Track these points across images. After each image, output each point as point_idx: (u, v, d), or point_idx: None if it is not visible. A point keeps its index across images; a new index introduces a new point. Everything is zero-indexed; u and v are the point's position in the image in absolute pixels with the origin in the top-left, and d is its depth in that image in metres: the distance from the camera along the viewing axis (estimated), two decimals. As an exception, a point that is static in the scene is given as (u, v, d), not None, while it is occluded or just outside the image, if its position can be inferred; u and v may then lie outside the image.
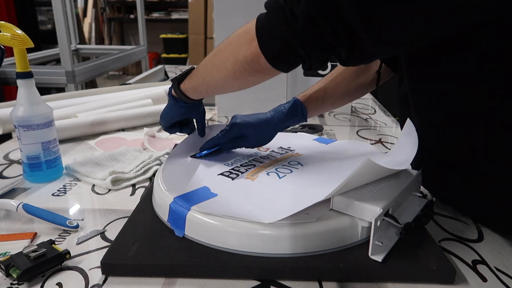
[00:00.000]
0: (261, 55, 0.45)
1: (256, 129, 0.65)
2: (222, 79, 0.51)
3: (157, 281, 0.44)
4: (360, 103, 1.33)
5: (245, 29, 0.47)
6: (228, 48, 0.49)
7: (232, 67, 0.48)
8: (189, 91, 0.59)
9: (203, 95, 0.60)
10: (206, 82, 0.55)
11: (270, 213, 0.46)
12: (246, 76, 0.49)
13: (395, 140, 0.96)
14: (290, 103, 0.68)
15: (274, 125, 0.66)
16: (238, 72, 0.48)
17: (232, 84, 0.51)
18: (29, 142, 0.65)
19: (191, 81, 0.58)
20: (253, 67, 0.47)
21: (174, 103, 0.62)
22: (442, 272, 0.44)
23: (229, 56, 0.48)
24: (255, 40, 0.44)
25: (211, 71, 0.52)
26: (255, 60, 0.45)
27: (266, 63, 0.45)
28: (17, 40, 0.62)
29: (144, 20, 2.53)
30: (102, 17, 5.09)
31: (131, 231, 0.50)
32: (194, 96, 0.60)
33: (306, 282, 0.44)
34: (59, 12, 1.57)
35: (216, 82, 0.53)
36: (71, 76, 1.67)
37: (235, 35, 0.49)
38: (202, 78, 0.55)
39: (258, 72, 0.47)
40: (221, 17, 1.01)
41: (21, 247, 0.46)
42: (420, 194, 0.56)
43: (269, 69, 0.46)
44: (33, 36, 0.67)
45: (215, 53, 0.52)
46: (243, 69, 0.47)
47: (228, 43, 0.50)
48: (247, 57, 0.46)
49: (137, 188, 0.68)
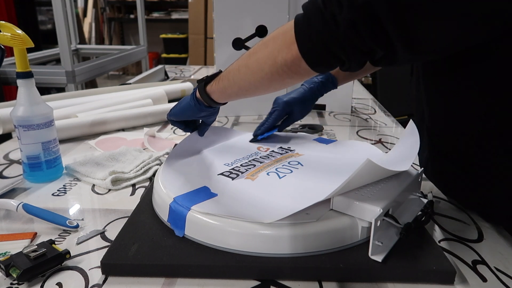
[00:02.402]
0: (301, 59, 0.45)
1: (301, 102, 0.76)
2: (258, 81, 0.51)
3: (157, 281, 0.44)
4: (360, 103, 1.33)
5: (282, 32, 0.47)
6: (264, 51, 0.49)
7: (269, 70, 0.48)
8: (216, 94, 0.58)
9: (232, 98, 0.60)
10: (238, 85, 0.54)
11: (270, 213, 0.46)
12: (284, 78, 0.49)
13: (395, 140, 0.96)
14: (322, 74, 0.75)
15: (314, 96, 0.76)
16: (276, 75, 0.48)
17: (268, 85, 0.52)
18: (29, 142, 0.65)
19: (220, 84, 0.57)
20: (293, 70, 0.47)
21: (195, 104, 0.61)
22: (442, 272, 0.44)
23: (266, 59, 0.48)
24: (295, 43, 0.44)
25: (245, 74, 0.52)
26: (295, 64, 0.46)
27: (306, 66, 0.45)
28: (17, 40, 0.62)
29: (144, 20, 2.53)
30: (102, 17, 5.09)
31: (131, 231, 0.50)
32: (221, 99, 0.59)
33: (306, 282, 0.44)
34: (59, 12, 1.57)
35: (249, 84, 0.53)
36: (71, 76, 1.67)
37: (271, 37, 0.49)
38: (233, 81, 0.55)
39: (297, 74, 0.48)
40: (221, 17, 1.01)
41: (21, 247, 0.46)
42: (420, 194, 0.56)
43: (308, 72, 0.47)
44: (33, 36, 0.67)
45: (249, 56, 0.52)
46: (281, 71, 0.48)
47: (264, 45, 0.50)
48: (287, 60, 0.46)
49: (137, 188, 0.68)
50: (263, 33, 1.00)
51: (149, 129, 0.95)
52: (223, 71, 0.58)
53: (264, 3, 0.99)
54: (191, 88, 1.35)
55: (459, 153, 0.54)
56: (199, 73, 1.96)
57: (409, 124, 0.57)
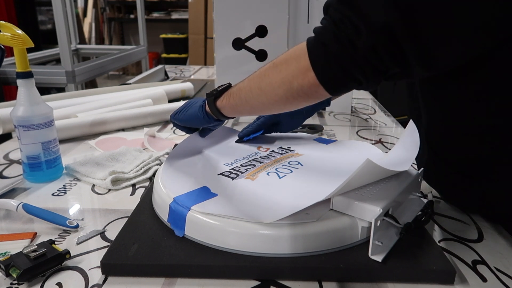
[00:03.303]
0: (319, 86, 0.45)
1: (290, 117, 0.74)
2: (271, 103, 0.51)
3: (157, 281, 0.44)
4: (360, 103, 1.33)
5: (295, 56, 0.46)
6: (277, 75, 0.48)
7: (285, 94, 0.48)
8: (226, 110, 0.58)
9: (242, 115, 0.63)
10: (250, 105, 0.54)
11: (270, 213, 0.46)
12: (300, 102, 0.49)
13: (395, 140, 0.96)
14: None
15: (304, 113, 0.74)
16: (291, 99, 0.48)
17: (283, 108, 0.52)
18: (29, 142, 0.65)
19: (231, 101, 0.57)
20: (310, 95, 0.47)
21: (203, 117, 0.61)
22: (442, 272, 0.44)
23: (281, 83, 0.48)
24: (311, 70, 0.44)
25: (258, 95, 0.52)
26: (312, 90, 0.46)
27: (324, 91, 0.45)
28: (17, 40, 0.62)
29: (144, 20, 2.53)
30: (102, 17, 5.09)
31: (131, 231, 0.50)
32: (231, 115, 0.59)
33: (306, 282, 0.44)
34: (59, 12, 1.57)
35: (263, 106, 0.53)
36: (71, 76, 1.67)
37: (283, 60, 0.48)
38: (245, 101, 0.54)
39: (313, 98, 0.48)
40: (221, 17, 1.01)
41: (21, 247, 0.46)
42: (420, 194, 0.56)
43: (325, 95, 0.47)
44: (33, 36, 0.67)
45: (261, 77, 0.51)
46: (297, 96, 0.47)
47: (276, 69, 0.49)
48: (303, 86, 0.46)
49: (137, 188, 0.68)
50: (263, 33, 1.00)
51: (149, 129, 0.95)
52: (232, 86, 0.57)
53: (264, 3, 0.99)
54: (191, 88, 1.35)
55: (458, 156, 0.54)
56: (199, 73, 1.96)
57: (409, 124, 0.57)
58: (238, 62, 1.01)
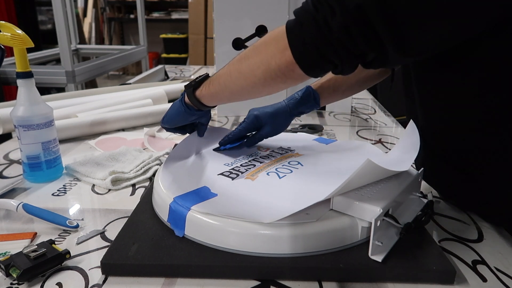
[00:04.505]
0: (295, 64, 0.45)
1: (273, 117, 0.69)
2: (250, 86, 0.51)
3: (157, 281, 0.44)
4: (360, 103, 1.33)
5: (274, 37, 0.47)
6: (257, 56, 0.49)
7: (263, 75, 0.49)
8: (206, 98, 0.58)
9: (222, 102, 0.61)
10: (229, 90, 0.55)
11: (270, 213, 0.46)
12: (278, 83, 0.50)
13: (395, 140, 0.96)
14: (303, 90, 0.71)
15: (289, 112, 0.70)
16: (269, 79, 0.49)
17: (261, 90, 0.52)
18: (29, 142, 0.65)
19: (210, 88, 0.57)
20: (287, 75, 0.47)
21: (185, 110, 0.61)
22: (442, 272, 0.44)
23: (259, 64, 0.48)
24: (288, 49, 0.45)
25: (237, 79, 0.52)
26: (289, 69, 0.46)
27: (300, 71, 0.46)
28: (17, 40, 0.62)
29: (144, 20, 2.53)
30: (102, 17, 5.09)
31: (131, 231, 0.50)
32: (211, 103, 0.60)
33: (306, 282, 0.44)
34: (59, 12, 1.57)
35: (242, 89, 0.53)
36: (71, 76, 1.67)
37: (263, 42, 0.49)
38: (224, 85, 0.55)
39: (290, 79, 0.48)
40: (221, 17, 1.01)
41: (21, 247, 0.46)
42: (420, 194, 0.56)
43: (302, 76, 0.47)
44: (33, 36, 0.67)
45: (240, 61, 0.52)
46: (275, 76, 0.48)
47: (256, 51, 0.50)
48: (281, 66, 0.47)
49: (137, 188, 0.68)
50: (263, 33, 1.00)
51: (149, 129, 0.95)
52: (211, 75, 0.58)
53: (264, 3, 0.99)
54: (191, 88, 1.35)
55: (456, 154, 0.54)
56: (199, 73, 1.96)
57: (409, 124, 0.57)
58: (238, 62, 1.01)
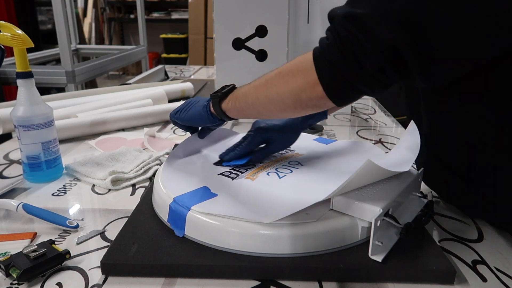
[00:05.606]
0: (328, 99, 0.46)
1: (282, 132, 0.65)
2: (280, 111, 0.52)
3: (157, 281, 0.44)
4: (360, 103, 1.33)
5: (302, 68, 0.48)
6: (285, 86, 0.49)
7: (293, 105, 0.50)
8: (232, 112, 0.58)
9: (248, 118, 0.61)
10: (257, 111, 0.55)
11: (270, 213, 0.46)
12: (309, 111, 0.51)
13: (395, 140, 0.96)
14: None
15: (298, 125, 0.66)
16: (299, 108, 0.50)
17: (291, 115, 0.53)
18: (29, 142, 0.65)
19: (237, 104, 0.56)
20: (319, 106, 0.49)
21: (208, 117, 0.60)
22: (442, 272, 0.44)
23: (288, 94, 0.49)
24: (319, 84, 0.46)
25: (265, 104, 0.52)
26: (321, 101, 0.47)
27: (332, 103, 0.47)
28: (17, 40, 0.62)
29: (144, 20, 2.53)
30: (102, 17, 5.09)
31: (131, 231, 0.50)
32: (236, 117, 0.59)
33: (306, 282, 0.44)
34: (59, 12, 1.57)
35: (271, 113, 0.54)
36: (71, 76, 1.67)
37: (290, 72, 0.49)
38: (252, 106, 0.55)
39: (323, 108, 0.50)
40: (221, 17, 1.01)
41: (21, 247, 0.46)
42: (420, 194, 0.56)
43: (333, 105, 0.48)
44: (33, 36, 0.67)
45: (267, 86, 0.52)
46: (306, 106, 0.49)
47: (283, 80, 0.50)
48: (312, 99, 0.47)
49: (137, 188, 0.68)
50: (263, 33, 1.00)
51: (149, 129, 0.95)
52: (237, 88, 0.57)
53: (264, 3, 0.99)
54: (191, 88, 1.35)
55: (458, 162, 0.54)
56: (199, 73, 1.96)
57: (410, 124, 0.57)
58: (238, 62, 1.01)
